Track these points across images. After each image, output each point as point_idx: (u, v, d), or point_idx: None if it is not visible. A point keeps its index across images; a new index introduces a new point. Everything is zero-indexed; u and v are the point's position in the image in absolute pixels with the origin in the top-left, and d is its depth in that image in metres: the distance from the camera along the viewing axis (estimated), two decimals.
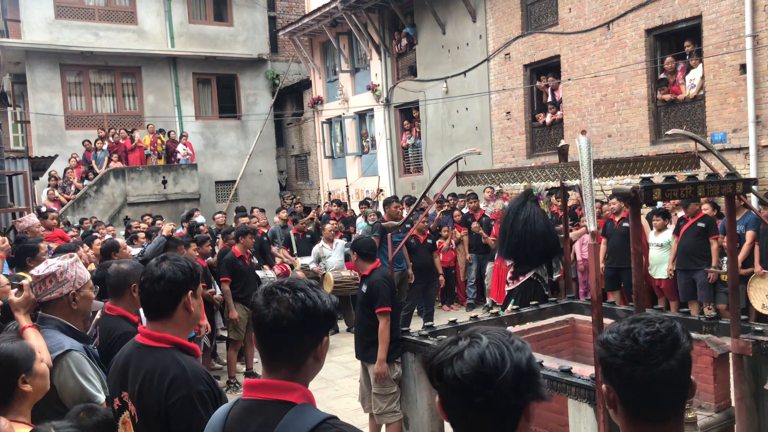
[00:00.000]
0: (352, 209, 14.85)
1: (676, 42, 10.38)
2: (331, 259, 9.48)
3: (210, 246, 7.95)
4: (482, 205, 11.40)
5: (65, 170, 16.53)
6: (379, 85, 16.63)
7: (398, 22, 16.01)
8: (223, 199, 19.84)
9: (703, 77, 9.72)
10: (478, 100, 13.86)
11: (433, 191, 8.45)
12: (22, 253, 5.07)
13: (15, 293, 2.84)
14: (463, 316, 9.04)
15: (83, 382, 2.71)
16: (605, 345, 1.47)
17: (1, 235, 5.70)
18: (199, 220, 11.62)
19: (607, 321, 3.15)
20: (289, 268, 9.65)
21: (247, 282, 7.38)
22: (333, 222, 10.26)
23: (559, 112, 12.12)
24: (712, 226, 8.01)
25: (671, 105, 10.27)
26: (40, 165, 14.25)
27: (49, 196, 15.07)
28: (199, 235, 8.41)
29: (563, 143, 5.75)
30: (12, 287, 3.15)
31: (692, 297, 8.18)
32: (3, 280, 3.64)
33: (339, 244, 9.74)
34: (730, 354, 4.57)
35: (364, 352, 5.19)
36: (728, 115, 9.32)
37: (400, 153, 16.70)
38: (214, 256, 8.23)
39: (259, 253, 9.30)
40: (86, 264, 5.30)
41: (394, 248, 8.80)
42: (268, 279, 8.94)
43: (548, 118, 12.34)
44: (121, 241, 6.14)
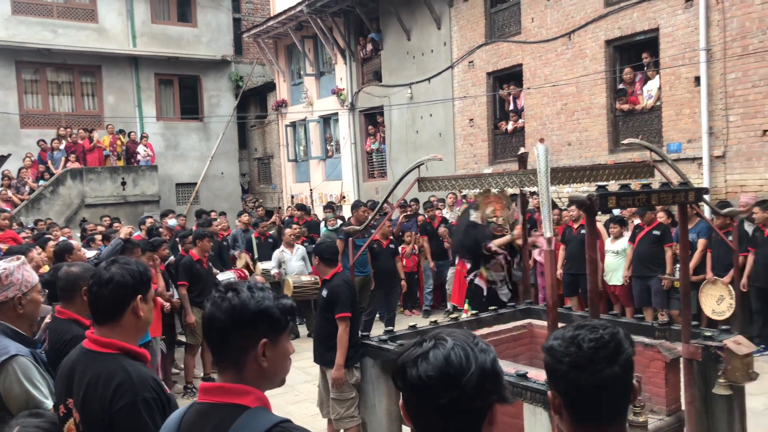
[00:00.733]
0: (315, 214, 14.79)
1: (634, 53, 10.63)
2: (292, 263, 9.42)
3: (167, 249, 7.82)
4: (445, 211, 11.47)
5: (19, 170, 16.07)
6: (343, 89, 16.62)
7: (364, 27, 16.04)
8: (184, 202, 19.56)
9: (660, 88, 9.96)
10: (442, 106, 13.96)
11: (396, 196, 8.47)
12: None
13: None
14: (424, 321, 9.07)
15: (29, 387, 2.64)
16: (550, 352, 1.49)
17: None
18: (171, 222, 11.44)
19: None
20: (246, 273, 9.55)
21: (204, 286, 7.28)
22: (294, 227, 10.20)
23: (520, 120, 12.28)
24: (667, 234, 8.20)
25: (629, 115, 10.50)
26: None
27: (1, 197, 14.65)
28: (156, 238, 8.27)
29: (523, 151, 5.84)
30: None
31: (647, 303, 8.36)
32: None
33: (300, 249, 9.69)
34: (681, 359, 4.68)
35: (323, 357, 5.17)
36: (683, 125, 9.57)
37: (365, 157, 16.71)
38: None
39: (218, 258, 9.18)
40: (38, 267, 5.16)
41: (357, 252, 8.81)
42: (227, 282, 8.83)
43: (510, 126, 12.50)
44: (76, 244, 6.00)
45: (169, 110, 20.30)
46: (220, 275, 8.15)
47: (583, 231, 8.19)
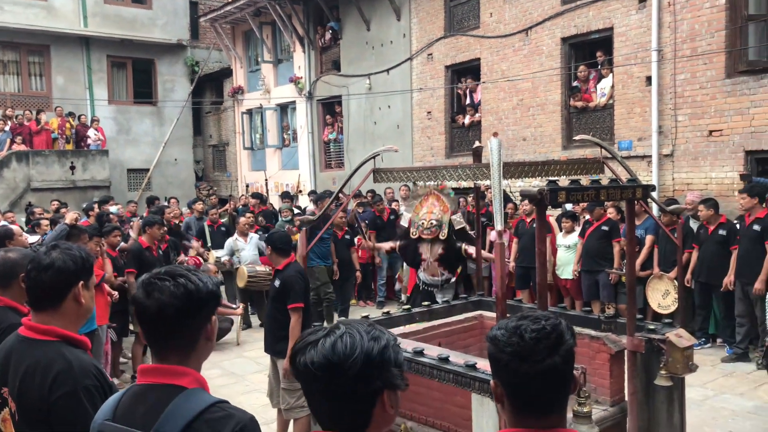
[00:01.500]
0: (271, 203, 14.65)
1: (589, 51, 10.82)
2: (245, 252, 9.31)
3: (119, 236, 7.63)
4: (402, 204, 11.47)
5: None
6: (301, 77, 16.48)
7: (323, 16, 15.90)
8: (136, 188, 19.14)
9: (612, 87, 10.17)
10: (400, 98, 13.97)
11: (352, 187, 8.43)
12: None
13: None
14: (377, 312, 9.08)
15: None
16: (494, 341, 1.51)
17: None
18: (113, 209, 11.17)
19: None
20: (201, 261, 9.41)
21: None
22: (248, 215, 10.08)
23: (477, 114, 12.38)
24: (615, 230, 8.39)
25: (583, 112, 10.70)
26: None
27: None
28: (108, 224, 8.07)
29: (477, 145, 5.88)
30: None
31: (595, 297, 8.56)
32: None
33: (253, 237, 9.58)
34: (626, 351, 4.81)
35: (274, 347, 5.13)
36: (634, 124, 9.80)
37: (322, 147, 16.61)
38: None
39: (173, 246, 8.99)
40: None
41: (324, 244, 8.78)
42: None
43: (467, 120, 12.59)
44: (16, 228, 5.79)
45: (121, 94, 19.80)
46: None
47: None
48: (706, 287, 7.83)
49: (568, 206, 9.24)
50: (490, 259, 7.87)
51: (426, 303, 6.06)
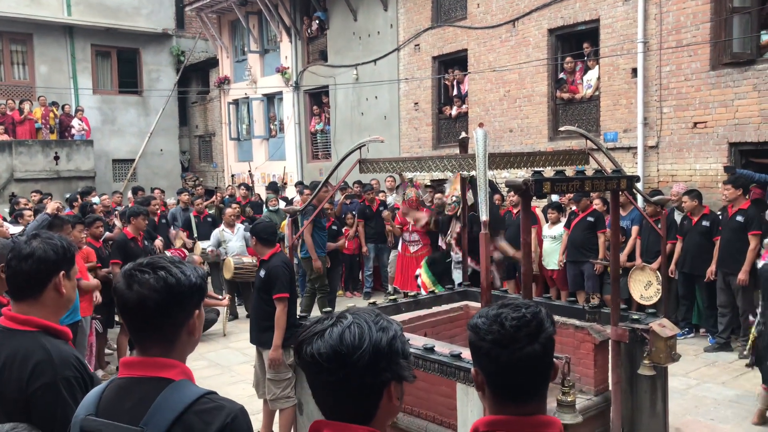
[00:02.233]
0: (258, 194, 14.59)
1: (575, 43, 10.83)
2: (232, 243, 9.28)
3: (102, 227, 7.58)
4: (389, 194, 11.47)
5: None
6: (288, 68, 16.38)
7: (310, 6, 15.81)
8: (121, 179, 18.98)
9: (599, 78, 10.20)
10: (387, 89, 13.93)
11: (339, 178, 8.41)
12: None
13: None
14: (364, 303, 9.10)
15: None
16: (474, 329, 1.52)
17: None
18: (95, 200, 11.08)
19: None
20: (186, 252, 9.37)
21: None
22: (235, 206, 10.04)
23: (464, 106, 12.38)
24: (601, 221, 8.44)
25: (569, 103, 10.72)
26: None
27: None
28: (90, 215, 8.01)
29: (463, 135, 5.88)
30: None
31: (580, 287, 8.62)
32: None
33: (240, 228, 9.54)
34: (610, 341, 4.85)
35: (260, 338, 5.13)
36: (620, 115, 9.84)
37: (309, 138, 16.55)
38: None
39: (148, 236, 8.92)
40: None
41: (323, 233, 8.75)
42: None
43: (454, 111, 12.58)
44: None
45: (106, 83, 19.59)
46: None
47: None
48: (689, 278, 7.91)
49: (554, 197, 9.29)
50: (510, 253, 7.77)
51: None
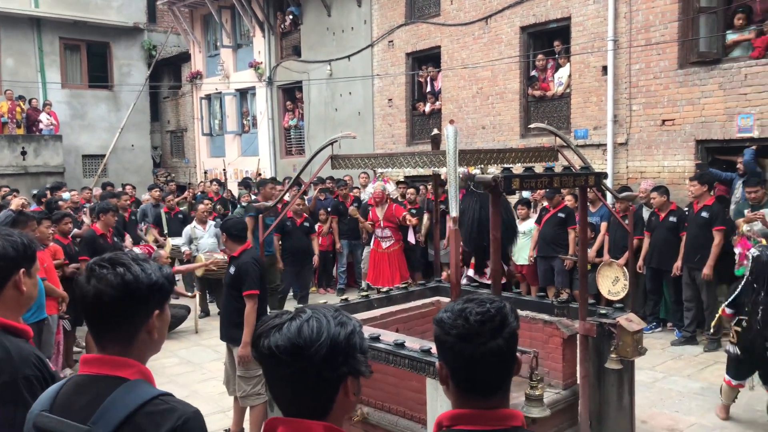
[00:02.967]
0: (230, 190, 14.48)
1: (547, 41, 10.93)
2: (204, 240, 9.19)
3: (70, 223, 7.45)
4: (363, 190, 11.46)
5: None
6: (261, 63, 16.28)
7: (283, 1, 15.71)
8: (91, 175, 18.68)
9: (570, 76, 10.30)
10: (361, 85, 13.92)
11: (312, 174, 8.37)
12: None
13: None
14: (337, 300, 9.08)
15: None
16: (439, 324, 1.53)
17: None
18: (65, 196, 10.89)
19: None
20: (155, 248, 9.26)
21: None
22: (207, 202, 9.94)
23: (438, 102, 12.42)
24: (571, 217, 8.53)
25: (541, 101, 10.82)
26: None
27: None
28: (57, 211, 7.87)
29: (435, 132, 5.91)
30: None
31: (550, 282, 8.71)
32: None
33: (211, 225, 9.46)
34: (578, 335, 4.91)
35: (230, 335, 5.10)
36: (590, 113, 9.96)
37: (282, 134, 16.47)
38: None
39: (117, 233, 8.80)
40: None
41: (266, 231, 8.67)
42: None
43: (428, 108, 12.62)
44: None
45: (75, 77, 19.25)
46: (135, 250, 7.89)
47: None
48: (657, 273, 8.04)
49: (525, 194, 9.37)
50: None
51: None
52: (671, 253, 7.74)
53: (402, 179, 10.96)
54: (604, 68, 9.65)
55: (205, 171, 18.46)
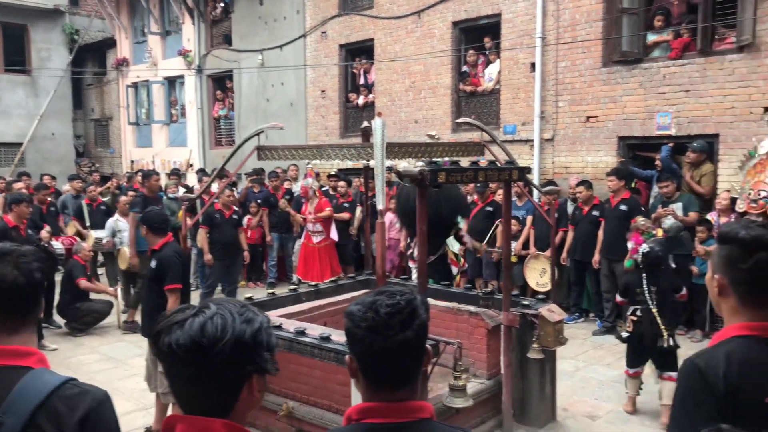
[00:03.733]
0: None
1: (479, 36, 11.07)
2: (127, 233, 8.88)
3: None
4: (294, 183, 11.33)
5: None
6: (191, 51, 15.85)
7: None
8: (7, 164, 17.77)
9: (499, 72, 10.48)
10: (293, 76, 13.75)
11: (246, 166, 8.17)
12: None
13: None
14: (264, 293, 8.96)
15: None
16: (350, 316, 1.51)
17: None
18: None
19: None
20: (77, 240, 8.90)
21: None
22: (132, 194, 9.61)
23: (371, 95, 12.41)
24: (499, 211, 8.67)
25: (471, 96, 10.96)
26: None
27: None
28: None
29: (366, 125, 5.89)
30: None
31: (479, 275, 8.86)
32: None
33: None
34: (502, 326, 5.01)
35: (152, 330, 4.92)
36: (519, 109, 10.16)
37: (212, 124, 16.11)
38: None
39: (33, 224, 8.40)
40: None
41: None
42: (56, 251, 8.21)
43: (361, 100, 12.59)
44: None
45: None
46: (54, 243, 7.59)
47: None
48: (580, 265, 8.30)
49: None
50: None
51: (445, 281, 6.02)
52: (594, 245, 8.00)
53: (334, 172, 10.90)
54: (533, 65, 9.86)
55: (132, 161, 17.87)
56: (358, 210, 9.84)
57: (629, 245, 7.30)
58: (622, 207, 7.69)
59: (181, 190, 10.97)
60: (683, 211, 7.42)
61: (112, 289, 8.47)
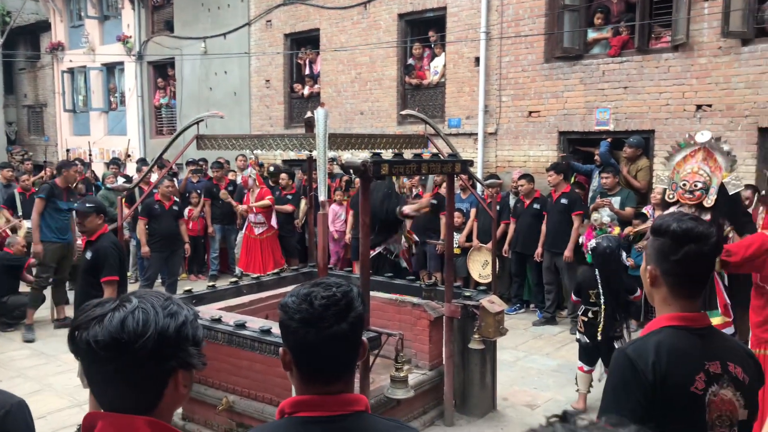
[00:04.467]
0: (93, 170, 13.57)
1: (425, 29, 11.10)
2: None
3: None
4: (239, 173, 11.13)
5: None
6: (131, 36, 15.37)
7: None
8: None
9: (445, 66, 10.54)
10: (237, 65, 13.50)
11: (185, 156, 7.96)
12: None
13: None
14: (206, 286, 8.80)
15: None
16: (284, 308, 1.48)
17: None
18: None
19: None
20: (9, 232, 8.53)
21: None
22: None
23: (316, 86, 12.30)
24: (442, 203, 8.75)
25: (417, 89, 10.99)
26: None
27: None
28: None
29: (309, 115, 5.83)
30: None
31: (423, 267, 8.92)
32: None
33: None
34: (444, 317, 5.06)
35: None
36: (463, 102, 10.25)
37: (153, 112, 15.68)
38: None
39: None
40: None
41: (62, 215, 8.13)
42: None
43: (306, 90, 12.46)
44: None
45: None
46: None
47: None
48: (521, 257, 8.44)
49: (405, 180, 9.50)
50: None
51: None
52: (535, 238, 8.15)
53: (279, 163, 10.77)
54: (477, 59, 9.95)
55: (67, 150, 17.21)
56: (303, 202, 9.74)
57: (581, 240, 7.45)
58: (563, 201, 7.87)
59: (120, 180, 10.64)
60: (620, 205, 7.63)
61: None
